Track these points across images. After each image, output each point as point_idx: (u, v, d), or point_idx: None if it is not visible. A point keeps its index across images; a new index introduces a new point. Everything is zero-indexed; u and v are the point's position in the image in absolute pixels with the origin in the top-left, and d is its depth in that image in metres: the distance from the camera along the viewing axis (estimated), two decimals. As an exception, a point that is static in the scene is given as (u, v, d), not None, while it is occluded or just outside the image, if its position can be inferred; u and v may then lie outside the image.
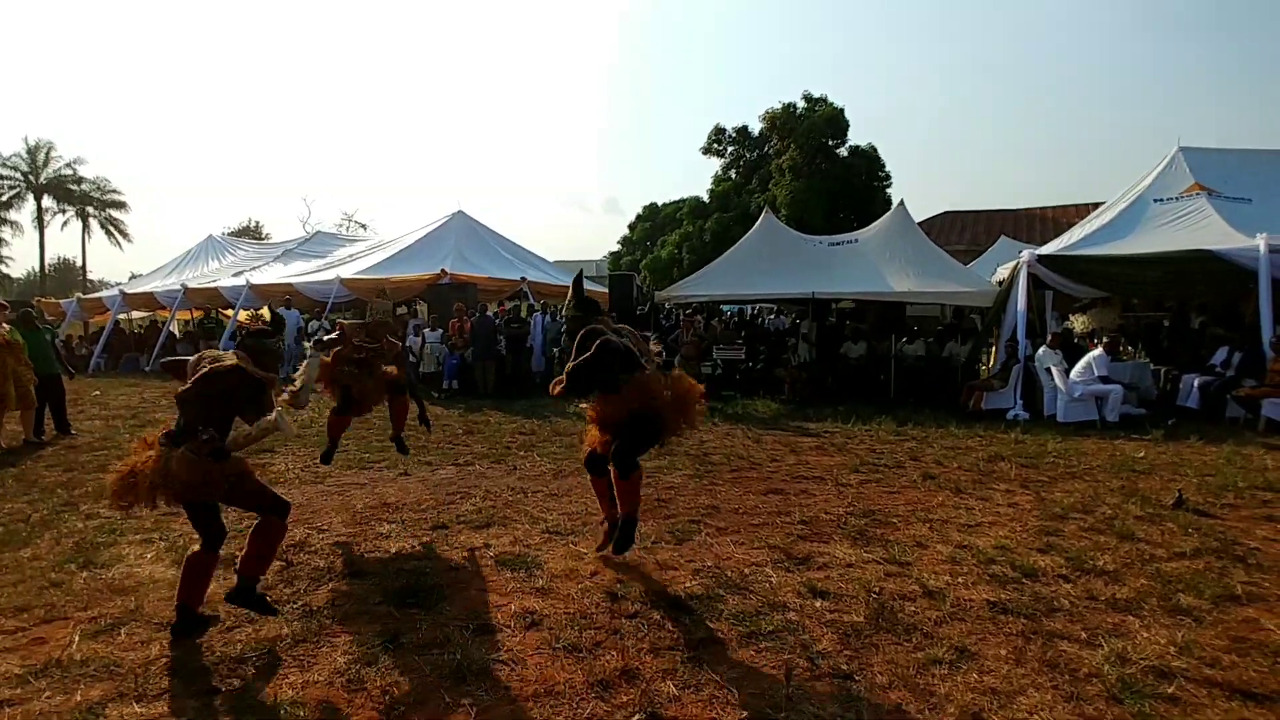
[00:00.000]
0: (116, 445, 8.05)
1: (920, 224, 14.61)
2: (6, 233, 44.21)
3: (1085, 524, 5.00)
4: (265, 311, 19.62)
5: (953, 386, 10.96)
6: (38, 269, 48.99)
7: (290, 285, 16.64)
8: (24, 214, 44.18)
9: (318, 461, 6.85)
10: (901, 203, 13.47)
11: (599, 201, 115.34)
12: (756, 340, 14.65)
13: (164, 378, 16.28)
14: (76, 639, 3.38)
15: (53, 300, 23.04)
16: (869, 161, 29.56)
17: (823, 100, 29.80)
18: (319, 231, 22.34)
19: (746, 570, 4.15)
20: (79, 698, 2.87)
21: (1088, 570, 4.12)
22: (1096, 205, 14.64)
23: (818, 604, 3.69)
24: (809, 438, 8.36)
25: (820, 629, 3.41)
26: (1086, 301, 12.85)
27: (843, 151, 29.71)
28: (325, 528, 5.05)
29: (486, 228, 18.45)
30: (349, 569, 4.24)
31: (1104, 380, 9.03)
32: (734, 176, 33.24)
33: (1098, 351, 9.20)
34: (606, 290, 14.23)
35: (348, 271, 16.17)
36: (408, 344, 15.26)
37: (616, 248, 37.48)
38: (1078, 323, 12.95)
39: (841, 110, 29.25)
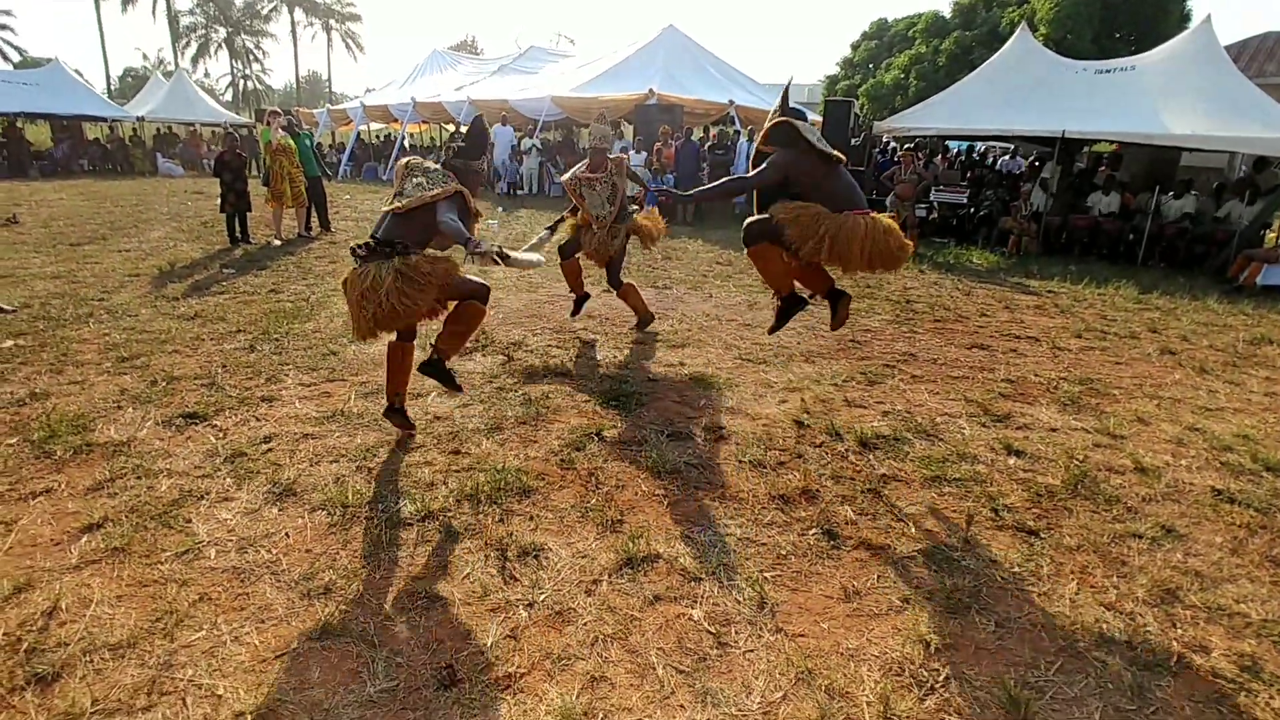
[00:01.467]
0: (369, 243, 9.26)
1: (1227, 48, 11.68)
2: (268, 44, 49.74)
3: (1366, 425, 4.28)
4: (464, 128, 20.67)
5: (1223, 255, 9.30)
6: (293, 81, 54.94)
7: (506, 102, 17.24)
8: (280, 27, 49.33)
9: (534, 274, 7.46)
10: (1207, 20, 10.82)
11: (814, 18, 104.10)
12: (983, 183, 13.17)
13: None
14: (352, 397, 4.17)
15: (307, 111, 25.81)
16: (1169, -35, 23.62)
17: (1121, -120, 23.69)
18: (532, 46, 22.48)
19: (938, 419, 4.09)
20: (359, 440, 3.61)
21: (1354, 475, 3.58)
22: None
23: (1011, 461, 3.59)
24: (1028, 295, 7.65)
25: (1010, 485, 3.35)
26: None
27: (1136, -50, 23.91)
28: (539, 331, 5.61)
29: (698, 45, 17.56)
30: (559, 369, 4.74)
31: None
32: (986, -16, 28.27)
33: None
34: (819, 119, 13.25)
35: (559, 89, 16.39)
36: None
37: (834, 70, 34.18)
38: None
39: (1145, -106, 23.18)
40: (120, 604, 2.35)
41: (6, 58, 43.31)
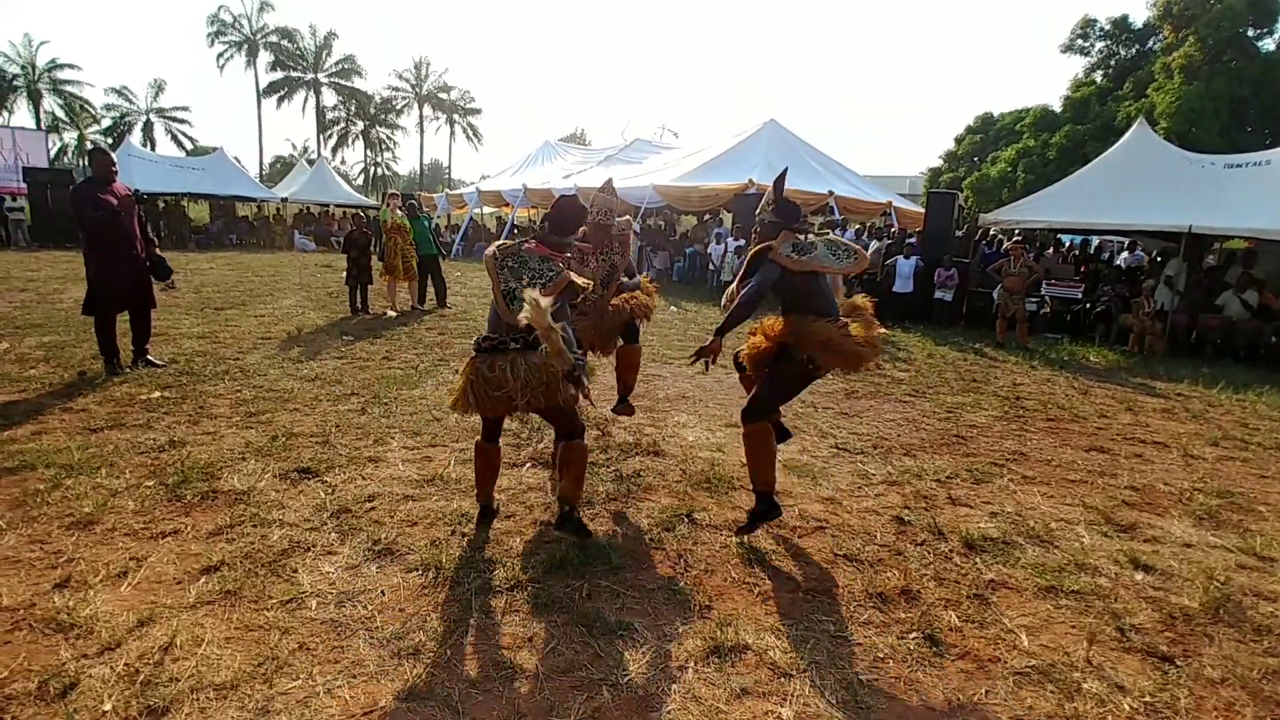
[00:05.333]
0: (473, 319, 9.76)
1: (1376, 143, 10.93)
2: (399, 136, 55.04)
3: None
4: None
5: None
6: (417, 168, 59.92)
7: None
8: (409, 120, 54.79)
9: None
10: (1350, 114, 10.20)
11: (917, 112, 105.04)
12: (1099, 278, 12.58)
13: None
14: (452, 463, 4.31)
15: (428, 195, 27.92)
16: (1306, 58, 22.58)
17: (1248, -24, 23.13)
18: (637, 139, 23.66)
19: (1053, 525, 3.80)
20: (455, 505, 3.71)
21: None
22: None
23: (1139, 577, 3.28)
24: (1154, 398, 7.12)
25: (1138, 603, 3.04)
26: None
27: (1267, 44, 23.05)
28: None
29: (798, 138, 17.98)
30: (651, 448, 4.75)
31: None
32: (1099, 80, 27.84)
33: None
34: (922, 210, 13.18)
35: (661, 178, 17.06)
36: (709, 250, 15.91)
37: (937, 163, 34.12)
38: None
39: (1276, -12, 22.50)
40: (228, 645, 2.47)
41: (181, 145, 49.45)
